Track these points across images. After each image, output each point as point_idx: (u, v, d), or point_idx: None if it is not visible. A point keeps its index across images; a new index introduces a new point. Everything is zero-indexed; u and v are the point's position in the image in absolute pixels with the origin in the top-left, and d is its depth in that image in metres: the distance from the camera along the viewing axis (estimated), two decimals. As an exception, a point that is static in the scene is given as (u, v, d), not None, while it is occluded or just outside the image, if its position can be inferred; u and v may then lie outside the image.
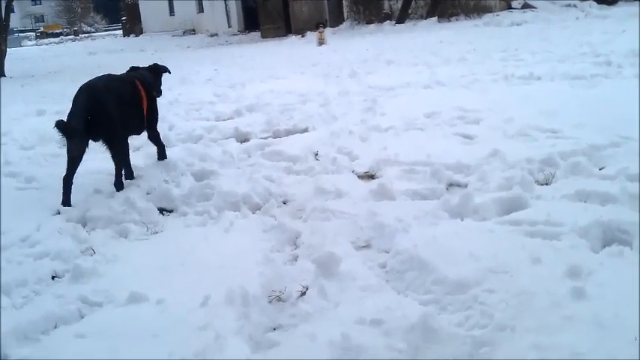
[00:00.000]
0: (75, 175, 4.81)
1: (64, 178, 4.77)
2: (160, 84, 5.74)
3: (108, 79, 5.13)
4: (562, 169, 4.33)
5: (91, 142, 4.86)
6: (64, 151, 6.57)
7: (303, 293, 3.03)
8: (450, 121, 6.13)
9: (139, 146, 6.47)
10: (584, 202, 3.71)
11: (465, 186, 4.36)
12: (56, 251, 3.73)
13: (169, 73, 6.00)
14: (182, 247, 3.74)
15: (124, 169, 5.09)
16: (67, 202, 4.69)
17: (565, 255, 2.98)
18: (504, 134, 5.38)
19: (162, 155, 5.72)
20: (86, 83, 4.87)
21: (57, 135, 4.57)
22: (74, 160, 4.80)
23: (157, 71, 5.72)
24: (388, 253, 3.40)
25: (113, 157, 4.97)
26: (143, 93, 5.27)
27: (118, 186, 4.94)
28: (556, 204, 3.73)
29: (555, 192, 3.94)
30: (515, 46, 11.76)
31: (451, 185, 4.47)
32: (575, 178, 4.16)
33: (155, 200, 4.66)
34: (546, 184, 4.15)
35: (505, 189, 3.99)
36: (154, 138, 5.64)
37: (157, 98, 5.61)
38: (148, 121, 5.42)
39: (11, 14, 20.63)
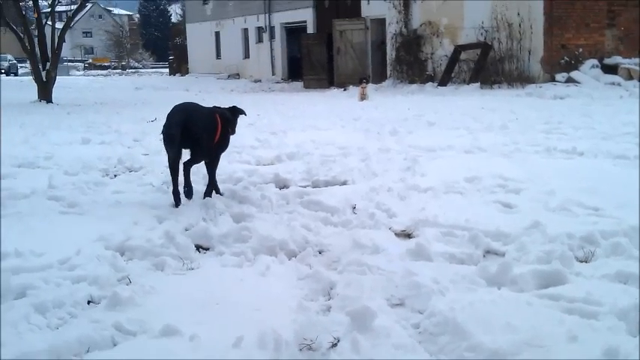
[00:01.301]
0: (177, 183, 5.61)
1: (173, 190, 5.60)
2: (236, 124, 6.29)
3: (195, 105, 6.02)
4: (602, 247, 4.28)
5: None
6: (107, 179, 6.77)
7: (335, 345, 3.03)
8: (490, 188, 6.13)
9: (180, 183, 6.57)
10: (624, 283, 3.66)
11: (503, 255, 4.33)
12: (94, 277, 3.78)
13: (245, 115, 6.42)
14: (218, 286, 3.76)
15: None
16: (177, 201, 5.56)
17: (602, 336, 2.94)
18: (545, 207, 5.35)
19: (208, 192, 5.93)
20: (179, 104, 5.80)
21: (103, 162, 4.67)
22: (174, 163, 5.56)
23: (234, 112, 6.31)
24: (422, 314, 3.37)
25: (192, 162, 5.77)
26: (219, 125, 5.88)
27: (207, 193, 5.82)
28: (595, 283, 3.68)
29: (595, 270, 3.90)
30: (557, 119, 11.76)
31: (488, 252, 4.44)
32: (616, 258, 4.11)
33: (193, 237, 4.72)
34: (585, 262, 4.11)
35: (544, 262, 3.95)
36: (211, 170, 6.01)
37: (231, 135, 6.23)
38: (215, 151, 5.96)
39: (63, 44, 21.23)
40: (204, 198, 5.77)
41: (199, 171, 6.23)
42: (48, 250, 4.26)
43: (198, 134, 5.61)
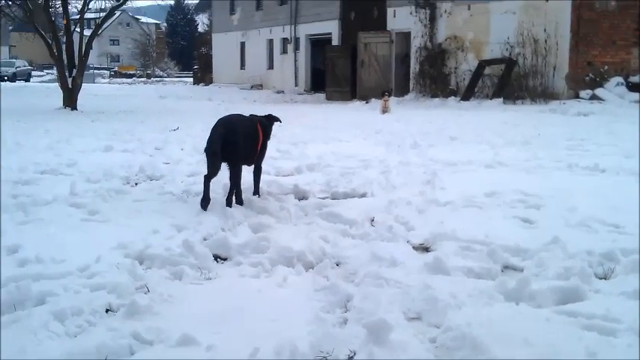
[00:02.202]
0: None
1: (203, 199, 5.86)
2: (271, 130, 6.78)
3: (237, 117, 6.37)
4: (622, 265, 4.24)
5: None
6: (128, 187, 6.84)
7: (351, 357, 3.03)
8: (510, 203, 6.10)
9: (200, 192, 6.62)
10: (644, 301, 3.63)
11: (521, 270, 4.31)
12: (113, 285, 3.80)
13: (280, 122, 6.91)
14: (235, 296, 3.77)
15: (235, 194, 6.05)
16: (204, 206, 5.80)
17: (621, 353, 2.93)
18: (565, 223, 5.31)
19: (256, 191, 6.48)
20: (222, 118, 6.16)
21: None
22: (210, 176, 5.84)
23: (270, 119, 6.77)
24: (439, 328, 3.36)
25: (230, 177, 6.00)
26: (260, 133, 6.31)
27: (228, 203, 5.89)
28: (614, 300, 3.65)
29: (614, 288, 3.86)
30: (580, 135, 11.68)
31: (507, 268, 4.42)
32: (635, 276, 4.07)
33: (212, 246, 4.73)
34: (605, 279, 4.08)
35: (563, 278, 3.93)
36: (257, 172, 6.54)
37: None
38: (257, 157, 6.40)
39: (90, 51, 21.49)
40: (254, 194, 6.37)
41: (219, 181, 6.28)
42: (68, 257, 4.30)
43: (241, 145, 5.96)
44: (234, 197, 6.01)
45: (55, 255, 4.35)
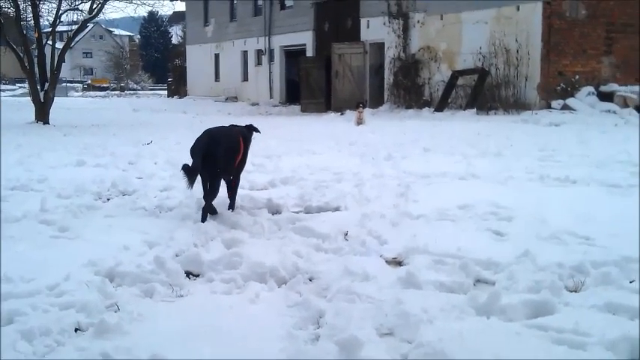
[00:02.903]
0: None
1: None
2: (250, 141, 6.79)
3: (218, 129, 6.38)
4: (592, 277, 4.28)
5: None
6: (99, 203, 6.79)
7: (322, 375, 3.02)
8: (482, 216, 6.14)
9: (172, 207, 6.59)
10: (613, 314, 3.66)
11: (493, 283, 4.32)
12: (82, 303, 3.76)
13: (260, 132, 6.96)
14: (207, 314, 3.74)
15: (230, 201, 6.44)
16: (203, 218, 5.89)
17: (591, 367, 2.95)
18: (536, 235, 5.35)
19: (232, 205, 6.48)
20: (206, 130, 6.24)
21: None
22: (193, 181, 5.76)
23: (250, 130, 6.83)
24: (411, 343, 3.36)
25: (210, 187, 6.01)
26: (242, 145, 6.40)
27: (206, 210, 5.98)
28: (584, 313, 3.68)
29: (584, 300, 3.89)
30: (552, 146, 11.79)
31: (479, 281, 4.44)
32: (605, 288, 4.11)
33: (183, 263, 4.70)
34: (575, 292, 4.11)
35: (534, 292, 3.95)
36: (235, 185, 6.55)
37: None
38: (236, 168, 6.44)
39: (62, 64, 21.31)
40: (229, 209, 6.39)
41: (192, 195, 6.26)
42: (37, 276, 4.25)
43: (222, 156, 6.03)
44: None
45: (24, 273, 4.29)
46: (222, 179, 6.27)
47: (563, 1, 20.48)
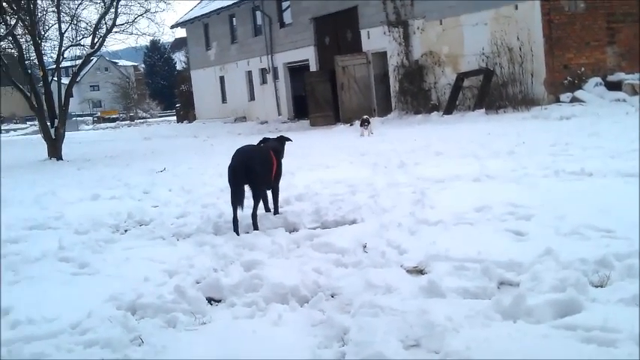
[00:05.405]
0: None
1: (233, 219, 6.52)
2: (284, 150, 7.53)
3: (253, 147, 7.17)
4: (617, 270, 4.21)
5: None
6: (117, 236, 6.81)
7: (351, 394, 2.98)
8: (500, 217, 6.07)
9: (190, 233, 6.59)
10: (642, 306, 3.60)
11: (517, 285, 4.26)
12: (106, 340, 3.75)
13: (291, 141, 7.73)
14: (230, 340, 3.72)
15: (264, 205, 7.13)
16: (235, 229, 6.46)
17: (623, 364, 2.89)
18: (557, 232, 5.29)
19: (276, 210, 7.24)
20: (240, 148, 6.91)
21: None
22: (236, 201, 6.48)
23: (282, 140, 7.60)
24: (438, 354, 3.32)
25: (254, 197, 6.66)
26: (274, 160, 7.04)
27: (253, 217, 6.62)
28: (612, 308, 3.62)
29: (611, 295, 3.83)
30: (565, 140, 11.69)
31: (502, 284, 4.38)
32: (631, 280, 4.05)
33: (204, 289, 4.69)
34: (601, 287, 4.04)
35: (559, 290, 3.89)
36: (275, 193, 7.25)
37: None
38: (274, 180, 7.12)
39: (70, 99, 21.47)
40: (274, 214, 7.18)
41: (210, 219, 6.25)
42: (59, 315, 4.25)
43: (258, 173, 6.64)
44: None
45: (47, 313, 4.30)
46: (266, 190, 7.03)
47: (561, -2, 20.52)
